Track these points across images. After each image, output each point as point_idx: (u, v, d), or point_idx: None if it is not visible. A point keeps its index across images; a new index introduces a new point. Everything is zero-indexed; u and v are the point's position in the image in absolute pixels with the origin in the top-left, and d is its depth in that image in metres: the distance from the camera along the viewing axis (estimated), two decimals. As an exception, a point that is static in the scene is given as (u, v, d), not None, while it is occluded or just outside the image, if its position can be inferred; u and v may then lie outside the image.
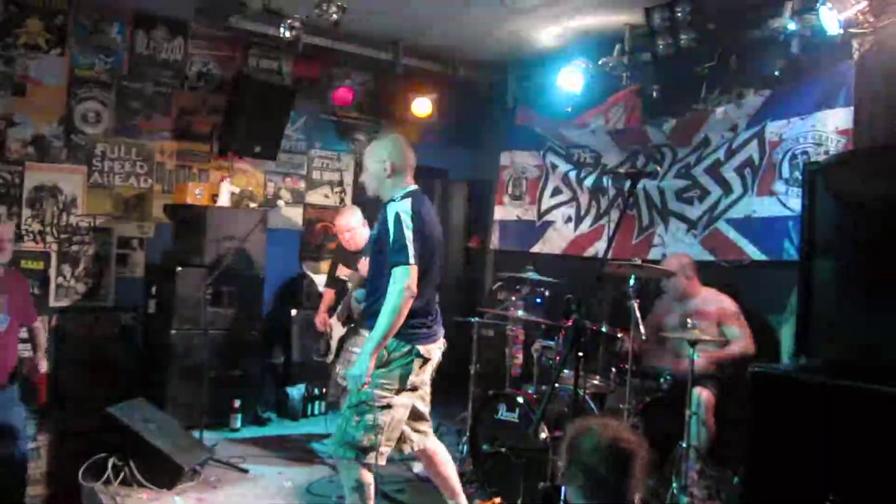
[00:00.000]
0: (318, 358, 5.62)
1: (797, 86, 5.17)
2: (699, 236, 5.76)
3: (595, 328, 4.98)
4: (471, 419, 5.10)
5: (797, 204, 4.93)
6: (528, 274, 5.50)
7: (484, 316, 5.60)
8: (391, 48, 6.90)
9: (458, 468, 4.98)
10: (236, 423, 6.11)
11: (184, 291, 5.91)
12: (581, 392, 4.54)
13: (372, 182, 3.92)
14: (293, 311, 6.72)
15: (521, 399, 4.75)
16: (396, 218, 3.65)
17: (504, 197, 7.55)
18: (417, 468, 5.19)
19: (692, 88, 5.74)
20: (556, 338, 5.10)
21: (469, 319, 5.45)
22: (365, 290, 4.10)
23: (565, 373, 4.78)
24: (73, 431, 5.76)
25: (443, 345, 3.95)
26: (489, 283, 6.70)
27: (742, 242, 5.44)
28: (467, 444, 5.04)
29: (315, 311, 5.85)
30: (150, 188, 6.50)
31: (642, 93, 6.04)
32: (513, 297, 5.64)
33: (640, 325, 4.72)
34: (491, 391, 5.02)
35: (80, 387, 5.99)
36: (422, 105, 7.31)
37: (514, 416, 4.73)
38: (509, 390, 4.99)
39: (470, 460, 4.98)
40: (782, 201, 5.21)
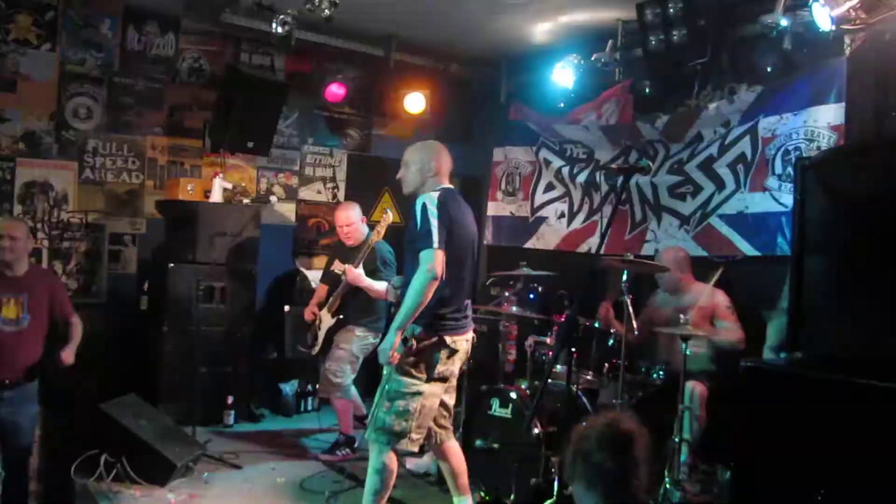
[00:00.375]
0: (304, 349, 5.62)
1: (789, 82, 5.18)
2: (692, 232, 5.77)
3: (588, 323, 4.98)
4: (464, 414, 5.09)
5: (790, 199, 4.95)
6: (522, 270, 5.50)
7: (477, 311, 5.60)
8: (384, 44, 6.89)
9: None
10: (229, 420, 6.11)
11: (176, 288, 5.90)
12: (574, 387, 4.55)
13: (413, 179, 4.02)
14: (286, 308, 6.70)
15: (514, 394, 4.75)
16: (423, 207, 3.78)
17: (497, 193, 7.55)
18: (411, 464, 5.20)
19: (685, 84, 5.74)
20: (549, 333, 5.10)
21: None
22: (400, 278, 4.29)
23: (558, 368, 4.79)
24: (65, 428, 5.74)
25: (471, 338, 4.06)
26: (482, 279, 6.70)
27: (735, 238, 5.45)
28: (460, 439, 5.03)
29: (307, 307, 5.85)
30: (142, 184, 6.48)
31: (634, 88, 6.04)
32: (506, 293, 5.64)
33: (633, 319, 4.73)
34: (484, 386, 5.02)
35: (72, 383, 5.96)
36: (414, 101, 7.30)
37: (507, 412, 4.73)
38: (502, 386, 4.98)
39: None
40: (775, 197, 5.22)
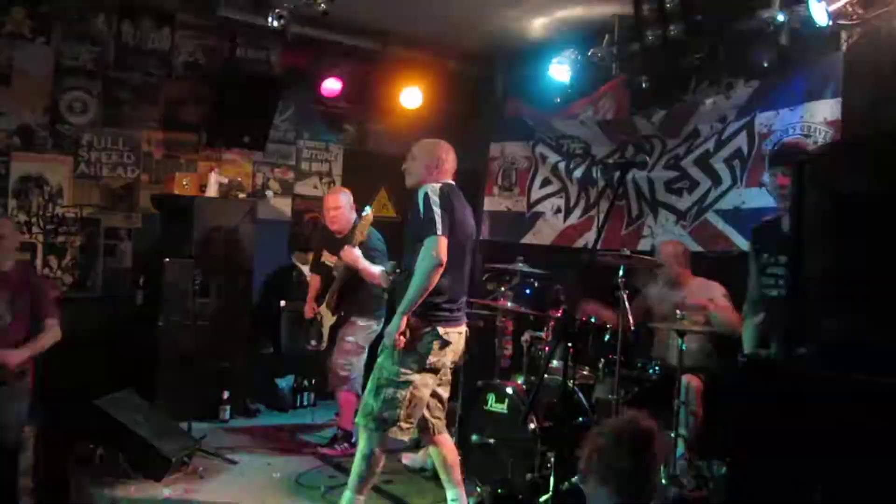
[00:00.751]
0: (311, 347, 5.60)
1: (786, 77, 5.18)
2: (688, 227, 5.78)
3: (584, 319, 4.98)
4: (460, 410, 5.10)
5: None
6: (518, 265, 5.50)
7: (473, 306, 5.60)
8: (380, 38, 6.88)
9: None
10: (225, 415, 6.10)
11: (172, 282, 5.88)
12: (570, 383, 4.55)
13: (418, 172, 4.08)
14: (282, 302, 6.70)
15: (510, 390, 4.75)
16: (425, 196, 3.84)
17: (494, 188, 7.54)
18: (406, 460, 5.20)
19: (681, 79, 5.73)
20: (545, 328, 5.10)
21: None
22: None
23: (554, 363, 4.79)
24: (60, 423, 5.73)
25: (465, 330, 4.07)
26: (478, 274, 6.69)
27: (731, 233, 5.46)
28: (456, 434, 5.04)
29: (304, 302, 5.84)
30: (138, 179, 6.45)
31: (631, 84, 6.02)
32: (502, 288, 5.63)
33: (629, 314, 4.73)
34: (480, 382, 5.02)
35: (68, 378, 5.95)
36: (411, 96, 7.29)
37: (503, 407, 4.73)
38: (498, 381, 4.99)
39: (459, 451, 4.97)
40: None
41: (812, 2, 4.55)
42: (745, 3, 5.11)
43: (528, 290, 5.87)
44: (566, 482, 4.03)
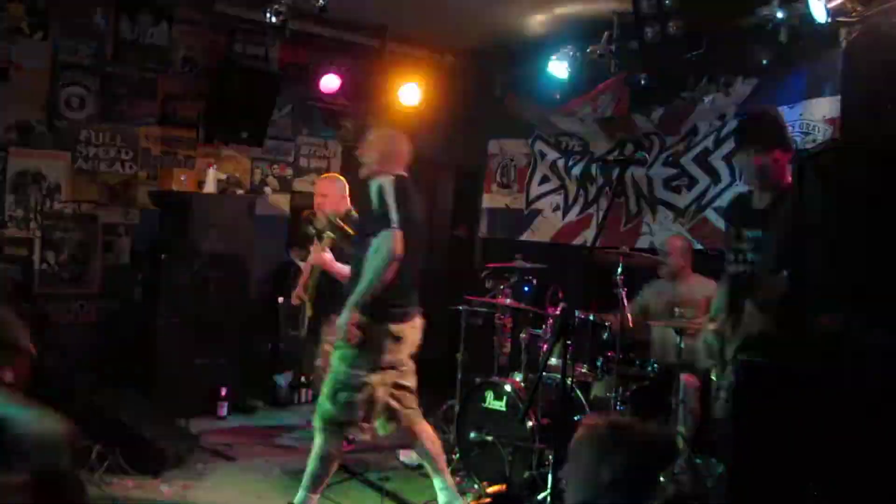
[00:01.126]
0: (293, 332, 5.58)
1: (785, 74, 5.17)
2: (687, 225, 5.78)
3: (583, 316, 4.98)
4: (458, 407, 5.09)
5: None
6: (517, 262, 5.49)
7: (471, 304, 5.59)
8: (378, 34, 6.86)
9: (445, 457, 5.00)
10: (223, 411, 6.09)
11: (170, 279, 5.87)
12: (569, 380, 4.55)
13: (373, 162, 4.09)
14: (280, 299, 6.69)
15: (508, 387, 4.75)
16: (379, 189, 3.81)
17: (492, 185, 7.53)
18: (403, 457, 5.20)
19: (680, 77, 5.73)
20: (543, 326, 5.10)
21: (457, 307, 5.45)
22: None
23: (553, 361, 4.78)
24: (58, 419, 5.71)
25: (418, 325, 4.02)
26: (477, 271, 6.69)
27: (729, 231, 5.45)
28: (454, 432, 5.04)
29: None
30: (136, 174, 6.44)
31: (630, 81, 6.01)
32: (501, 286, 5.63)
33: (627, 312, 4.73)
34: (478, 379, 5.02)
35: (65, 374, 5.95)
36: (409, 92, 7.27)
37: (501, 405, 4.73)
38: (497, 378, 4.99)
39: (456, 448, 4.98)
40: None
41: (811, -1, 4.54)
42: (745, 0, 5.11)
43: (526, 288, 5.87)
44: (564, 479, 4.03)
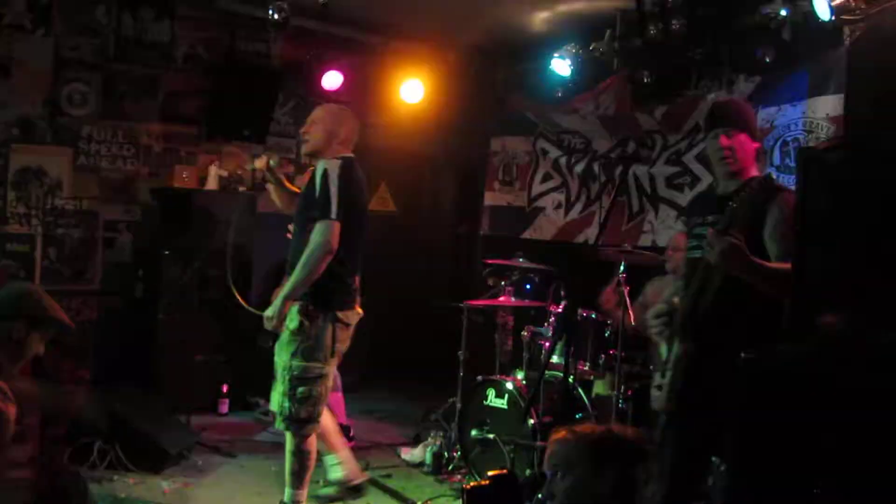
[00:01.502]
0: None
1: (788, 72, 5.15)
2: (689, 223, 5.76)
3: (585, 314, 4.97)
4: (459, 405, 5.09)
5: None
6: (518, 260, 5.49)
7: (473, 301, 5.59)
8: (381, 31, 6.85)
9: (447, 455, 5.00)
10: (224, 408, 6.09)
11: (171, 275, 5.87)
12: (571, 378, 4.54)
13: (318, 139, 4.00)
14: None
15: (509, 385, 4.74)
16: (324, 173, 3.75)
17: (494, 183, 7.51)
18: (405, 454, 5.20)
19: (683, 74, 5.72)
20: (545, 324, 5.09)
21: (458, 305, 5.44)
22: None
23: (555, 359, 4.77)
24: (58, 416, 5.72)
25: (360, 312, 4.01)
26: (479, 269, 6.68)
27: (732, 229, 5.43)
28: (456, 430, 5.04)
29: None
30: (137, 171, 6.43)
31: (633, 78, 6.00)
32: (502, 283, 5.62)
33: (630, 310, 4.72)
34: (480, 377, 5.01)
35: (66, 370, 5.95)
36: (411, 89, 7.25)
37: (502, 403, 4.73)
38: (498, 376, 4.98)
39: (458, 446, 4.98)
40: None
41: (815, -4, 4.53)
42: (748, -3, 5.10)
43: (528, 286, 5.86)
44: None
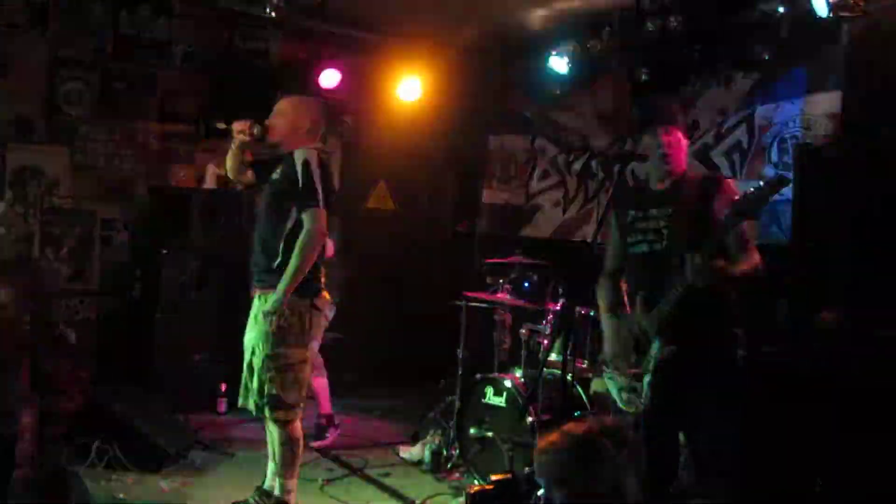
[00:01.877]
0: None
1: (786, 69, 5.16)
2: (687, 220, 5.75)
3: (584, 312, 4.96)
4: (458, 403, 5.09)
5: (786, 188, 4.93)
6: (517, 258, 5.48)
7: (471, 299, 5.58)
8: (378, 29, 6.84)
9: (446, 453, 5.00)
10: (222, 407, 6.08)
11: (169, 275, 5.86)
12: (570, 376, 4.54)
13: (284, 131, 3.95)
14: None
15: (508, 383, 4.74)
16: (305, 163, 3.75)
17: (493, 181, 7.52)
18: (404, 453, 5.20)
19: (681, 72, 5.72)
20: (543, 322, 5.08)
21: (456, 303, 5.44)
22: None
23: (553, 357, 4.77)
24: (57, 415, 5.71)
25: (329, 298, 4.10)
26: (477, 267, 6.68)
27: (729, 226, 5.44)
28: (454, 428, 5.04)
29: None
30: (135, 170, 6.42)
31: (631, 76, 6.01)
32: (500, 281, 5.62)
33: (628, 307, 4.70)
34: (478, 375, 5.01)
35: (65, 370, 5.94)
36: (409, 87, 7.25)
37: (501, 401, 4.72)
38: (496, 374, 4.98)
39: (456, 444, 4.98)
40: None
41: (813, -7, 4.52)
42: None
43: (526, 283, 5.86)
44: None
